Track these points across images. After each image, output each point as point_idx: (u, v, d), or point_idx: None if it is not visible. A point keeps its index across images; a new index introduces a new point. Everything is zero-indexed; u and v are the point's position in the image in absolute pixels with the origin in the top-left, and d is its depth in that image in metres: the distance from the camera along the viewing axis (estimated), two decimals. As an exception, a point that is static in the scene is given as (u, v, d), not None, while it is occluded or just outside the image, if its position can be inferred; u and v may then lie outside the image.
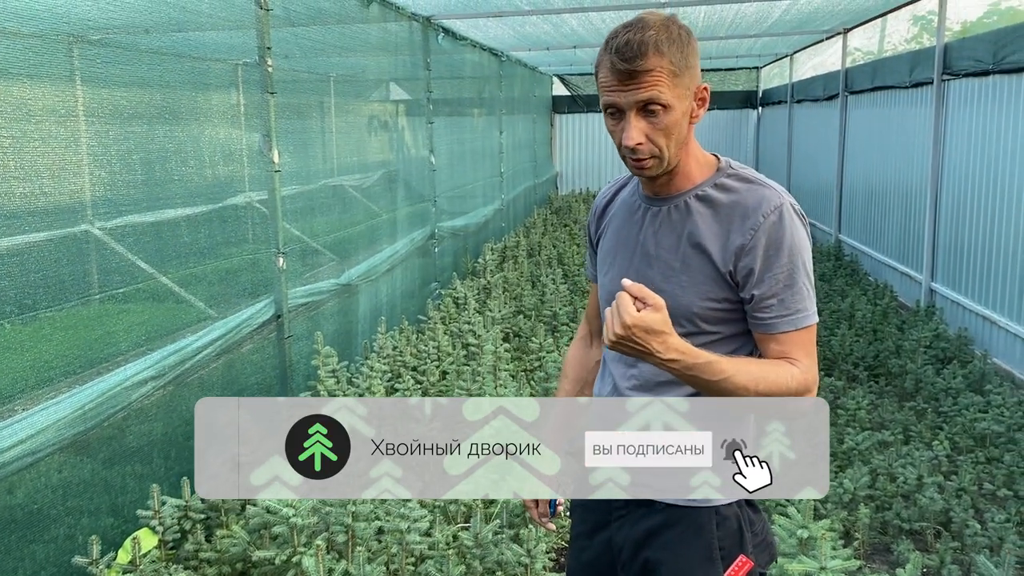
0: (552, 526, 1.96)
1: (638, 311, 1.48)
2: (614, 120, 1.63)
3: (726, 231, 1.65)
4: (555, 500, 1.91)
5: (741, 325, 1.69)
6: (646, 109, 1.59)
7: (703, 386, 1.57)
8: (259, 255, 4.76)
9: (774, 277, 1.61)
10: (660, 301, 1.50)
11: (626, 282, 1.51)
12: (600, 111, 1.68)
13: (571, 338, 6.44)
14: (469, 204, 10.02)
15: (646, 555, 1.74)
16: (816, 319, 1.65)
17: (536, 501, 1.94)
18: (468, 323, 6.32)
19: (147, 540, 3.19)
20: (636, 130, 1.59)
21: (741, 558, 1.67)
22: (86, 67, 3.63)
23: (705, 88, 1.65)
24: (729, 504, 1.70)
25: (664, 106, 1.58)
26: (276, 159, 4.64)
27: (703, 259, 1.66)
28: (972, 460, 4.51)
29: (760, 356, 1.68)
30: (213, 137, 4.68)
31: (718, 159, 1.73)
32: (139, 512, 3.28)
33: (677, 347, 1.52)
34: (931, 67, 7.43)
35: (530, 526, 3.39)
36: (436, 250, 8.15)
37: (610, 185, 1.94)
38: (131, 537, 3.03)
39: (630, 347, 1.50)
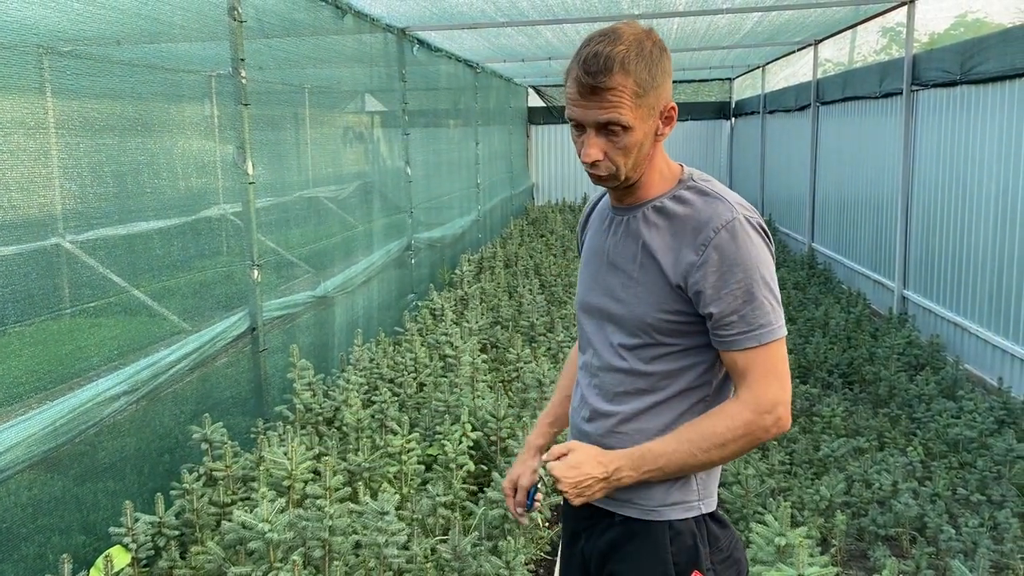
0: (526, 520, 1.94)
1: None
2: (577, 132, 1.64)
3: (678, 244, 1.63)
4: (533, 493, 1.87)
5: (697, 339, 1.65)
6: (606, 128, 1.58)
7: (660, 475, 1.64)
8: (233, 267, 4.72)
9: (731, 294, 1.57)
10: (568, 445, 1.67)
11: (544, 458, 1.68)
12: None
13: (548, 348, 6.45)
14: (445, 215, 10.01)
15: (610, 568, 1.75)
16: (782, 333, 1.60)
17: (514, 490, 1.90)
18: (445, 334, 6.30)
19: (120, 558, 3.14)
20: (595, 147, 1.60)
21: (695, 574, 1.66)
22: (57, 79, 3.58)
23: (672, 108, 1.62)
24: (684, 519, 1.69)
25: (625, 127, 1.57)
26: (250, 171, 4.62)
27: (656, 270, 1.65)
28: (946, 466, 4.56)
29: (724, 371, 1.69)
30: (186, 149, 4.63)
31: (682, 170, 1.72)
32: (112, 529, 3.22)
33: (613, 458, 1.63)
34: (900, 78, 7.55)
35: (509, 538, 3.38)
36: (412, 261, 8.13)
37: (597, 194, 1.96)
38: (104, 555, 2.97)
39: (590, 489, 1.63)
